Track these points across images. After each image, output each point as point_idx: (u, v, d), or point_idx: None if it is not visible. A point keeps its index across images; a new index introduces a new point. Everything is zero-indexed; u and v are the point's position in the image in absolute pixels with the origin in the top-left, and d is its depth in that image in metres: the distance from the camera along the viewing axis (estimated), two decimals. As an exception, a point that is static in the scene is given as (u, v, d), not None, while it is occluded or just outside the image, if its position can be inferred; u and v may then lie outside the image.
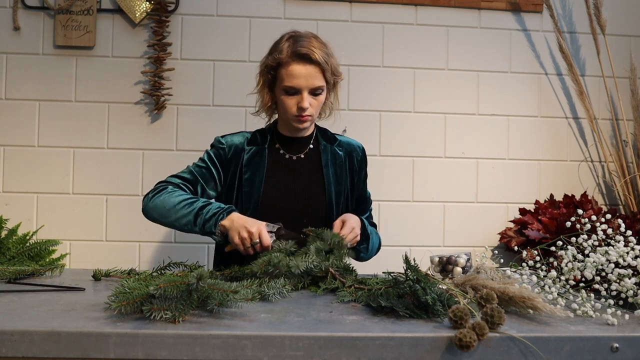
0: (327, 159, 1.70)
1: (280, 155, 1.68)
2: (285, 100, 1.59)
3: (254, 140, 1.70)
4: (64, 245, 2.29)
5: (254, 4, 2.36)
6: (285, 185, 1.65)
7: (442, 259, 1.45)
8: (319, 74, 1.56)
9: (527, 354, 0.95)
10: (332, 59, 1.60)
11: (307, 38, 1.59)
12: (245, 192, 1.64)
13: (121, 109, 2.32)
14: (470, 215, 2.43)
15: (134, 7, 2.29)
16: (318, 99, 1.60)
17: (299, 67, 1.55)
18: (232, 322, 1.00)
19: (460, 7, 2.43)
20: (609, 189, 2.49)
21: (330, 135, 1.76)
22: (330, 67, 1.58)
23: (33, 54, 2.30)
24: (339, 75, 1.65)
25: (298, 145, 1.70)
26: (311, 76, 1.55)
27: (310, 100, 1.58)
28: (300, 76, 1.55)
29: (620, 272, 1.14)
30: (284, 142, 1.70)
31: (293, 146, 1.70)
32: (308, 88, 1.56)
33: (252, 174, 1.64)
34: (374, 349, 0.93)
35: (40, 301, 1.13)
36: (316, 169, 1.68)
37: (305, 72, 1.55)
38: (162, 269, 1.39)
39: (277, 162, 1.67)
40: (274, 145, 1.70)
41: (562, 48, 2.37)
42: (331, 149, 1.72)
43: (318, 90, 1.58)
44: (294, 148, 1.70)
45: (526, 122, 2.47)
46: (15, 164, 2.29)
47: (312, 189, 1.65)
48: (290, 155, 1.69)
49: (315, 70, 1.56)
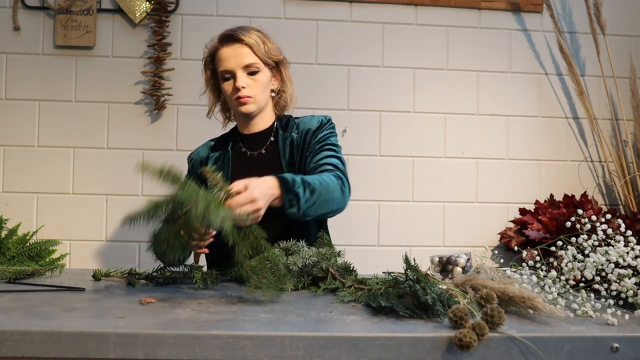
0: (284, 148, 1.63)
1: (243, 154, 1.68)
2: (225, 87, 1.60)
3: (217, 146, 1.72)
4: (64, 245, 2.29)
5: (254, 4, 2.36)
6: None
7: (442, 259, 1.45)
8: (247, 50, 1.57)
9: (527, 354, 0.95)
10: (265, 39, 1.60)
11: (238, 26, 1.62)
12: None
13: (121, 109, 2.32)
14: (470, 215, 2.43)
15: (134, 7, 2.29)
16: (256, 78, 1.58)
17: (226, 49, 1.58)
18: (232, 322, 1.00)
19: (460, 7, 2.43)
20: (609, 189, 2.49)
21: (290, 122, 1.68)
22: (262, 46, 1.58)
23: (33, 54, 2.30)
24: (278, 56, 1.63)
25: (259, 141, 1.67)
26: (240, 55, 1.56)
27: (247, 80, 1.57)
28: (229, 57, 1.57)
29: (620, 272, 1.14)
30: (245, 141, 1.68)
31: (254, 143, 1.67)
32: (239, 67, 1.56)
33: None
34: (374, 349, 0.93)
35: (40, 301, 1.13)
36: (276, 162, 1.64)
37: (232, 52, 1.57)
38: (162, 269, 1.39)
39: (241, 161, 1.67)
40: (236, 146, 1.69)
41: (562, 48, 2.37)
42: (288, 136, 1.65)
43: (251, 67, 1.57)
44: (255, 145, 1.67)
45: (526, 122, 2.47)
46: (15, 164, 2.29)
47: None
48: (251, 152, 1.67)
49: (244, 49, 1.57)
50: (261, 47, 1.58)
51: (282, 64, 1.66)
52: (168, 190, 1.15)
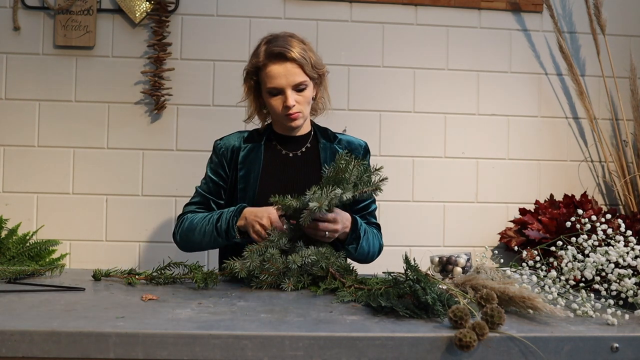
0: (326, 156, 1.69)
1: (277, 152, 1.69)
2: (272, 102, 1.61)
3: (250, 138, 1.71)
4: (64, 245, 2.29)
5: (254, 4, 2.36)
6: (282, 181, 1.65)
7: (442, 259, 1.45)
8: (297, 69, 1.57)
9: (527, 354, 0.95)
10: (310, 53, 1.61)
11: (282, 37, 1.61)
12: (240, 189, 1.65)
13: (121, 109, 2.32)
14: (470, 215, 2.43)
15: (134, 7, 2.29)
16: (304, 94, 1.60)
17: (276, 66, 1.57)
18: (232, 322, 1.00)
19: (460, 7, 2.43)
20: (609, 189, 2.49)
21: (330, 133, 1.76)
22: (309, 62, 1.59)
23: (33, 54, 2.30)
24: (322, 69, 1.65)
25: (295, 143, 1.71)
26: (290, 73, 1.57)
27: (296, 97, 1.59)
28: (280, 75, 1.57)
29: (620, 272, 1.14)
30: (280, 140, 1.71)
31: (290, 144, 1.70)
32: (290, 85, 1.57)
33: (247, 171, 1.66)
34: (374, 349, 0.93)
35: (40, 301, 1.13)
36: (314, 166, 1.67)
37: (283, 70, 1.56)
38: (162, 269, 1.39)
39: (274, 158, 1.68)
40: (271, 143, 1.71)
41: (562, 48, 2.37)
42: (331, 147, 1.71)
43: (300, 86, 1.58)
44: (291, 146, 1.70)
45: (526, 122, 2.47)
46: (15, 164, 2.29)
47: (308, 186, 1.64)
48: (287, 151, 1.69)
49: (293, 67, 1.57)
50: (309, 63, 1.59)
51: (324, 75, 1.68)
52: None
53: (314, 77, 1.63)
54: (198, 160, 2.33)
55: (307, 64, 1.58)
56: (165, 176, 2.33)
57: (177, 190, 2.32)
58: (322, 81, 1.69)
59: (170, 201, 2.33)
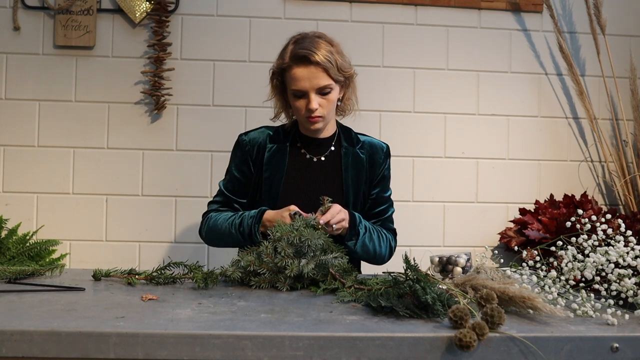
0: (347, 162, 1.68)
1: (302, 155, 1.69)
2: (295, 104, 1.60)
3: (276, 138, 1.70)
4: (64, 245, 2.29)
5: (254, 4, 2.36)
6: (304, 186, 1.65)
7: (442, 259, 1.45)
8: (322, 73, 1.56)
9: (527, 354, 0.95)
10: (337, 56, 1.58)
11: (309, 39, 1.59)
12: (264, 190, 1.65)
13: (121, 109, 2.32)
14: (470, 215, 2.43)
15: (134, 7, 2.29)
16: (328, 98, 1.59)
17: (300, 69, 1.56)
18: (232, 322, 1.00)
19: (460, 7, 2.43)
20: (609, 189, 2.49)
21: (353, 136, 1.75)
22: (335, 65, 1.57)
23: (33, 54, 2.30)
24: (349, 71, 1.63)
25: (319, 146, 1.70)
26: (314, 77, 1.55)
27: (319, 100, 1.58)
28: (303, 78, 1.55)
29: (620, 272, 1.14)
30: (305, 142, 1.70)
31: (314, 147, 1.70)
32: (313, 89, 1.56)
33: (272, 172, 1.66)
34: (374, 349, 0.93)
35: (40, 301, 1.13)
36: (336, 172, 1.68)
37: (307, 73, 1.55)
38: (162, 269, 1.39)
39: (298, 162, 1.68)
40: (295, 145, 1.70)
41: (562, 48, 2.37)
42: (353, 151, 1.70)
43: (325, 89, 1.57)
44: (315, 149, 1.69)
45: (526, 122, 2.47)
46: (15, 164, 2.29)
47: (330, 192, 1.62)
48: (311, 155, 1.69)
49: (318, 70, 1.55)
50: (334, 67, 1.57)
51: (351, 77, 1.66)
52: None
53: (340, 80, 1.61)
54: (198, 160, 2.33)
55: (333, 67, 1.56)
56: (165, 176, 2.33)
57: (177, 190, 2.32)
58: (349, 83, 1.66)
59: (170, 201, 2.32)
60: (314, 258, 1.31)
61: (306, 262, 1.29)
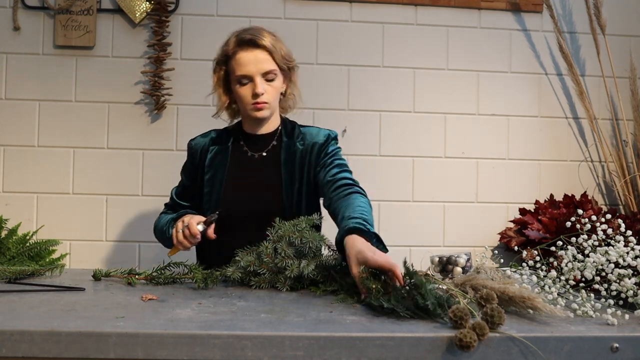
0: (285, 156, 1.65)
1: (244, 153, 1.67)
2: (240, 91, 1.59)
3: (218, 140, 1.70)
4: (64, 245, 2.29)
5: (254, 4, 2.36)
6: (245, 184, 1.63)
7: (442, 259, 1.45)
8: (267, 57, 1.56)
9: (527, 354, 0.95)
10: (280, 44, 1.60)
11: (252, 28, 1.61)
12: (205, 192, 1.65)
13: (121, 109, 2.32)
14: (470, 215, 2.43)
15: (134, 7, 2.29)
16: (273, 85, 1.59)
17: (245, 53, 1.56)
18: (232, 322, 1.00)
19: (460, 7, 2.43)
20: (609, 189, 2.49)
21: (296, 129, 1.70)
22: (279, 52, 1.58)
23: (33, 54, 2.30)
24: (292, 61, 1.64)
25: (262, 142, 1.67)
26: (260, 61, 1.55)
27: (265, 86, 1.57)
28: (249, 62, 1.55)
29: (620, 272, 1.14)
30: (248, 140, 1.68)
31: (257, 144, 1.67)
32: (259, 73, 1.56)
33: (212, 174, 1.66)
34: (374, 349, 0.93)
35: (40, 301, 1.13)
36: (275, 167, 1.65)
37: (253, 57, 1.55)
38: (162, 269, 1.39)
39: (240, 160, 1.66)
40: (238, 143, 1.69)
41: (562, 48, 2.37)
42: (291, 145, 1.66)
43: (270, 74, 1.57)
44: (257, 146, 1.67)
45: (526, 122, 2.47)
46: (15, 164, 2.29)
47: (269, 188, 1.62)
48: (252, 152, 1.67)
49: (263, 54, 1.56)
50: (279, 53, 1.58)
51: (293, 68, 1.67)
52: None
53: (284, 69, 1.61)
54: (198, 160, 2.33)
55: (277, 52, 1.57)
56: (165, 176, 2.32)
57: (177, 190, 2.32)
58: (291, 75, 1.67)
59: (170, 201, 2.32)
60: (314, 259, 1.31)
61: (306, 263, 1.28)
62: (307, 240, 1.31)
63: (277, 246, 1.33)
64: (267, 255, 1.32)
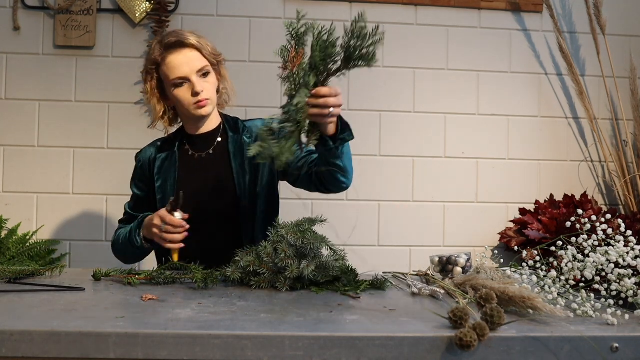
0: (234, 150, 1.64)
1: (190, 156, 1.66)
2: (179, 94, 1.57)
3: (163, 147, 1.70)
4: (64, 245, 2.29)
5: (254, 4, 2.36)
6: (197, 185, 1.62)
7: (442, 259, 1.45)
8: (197, 54, 1.57)
9: (527, 354, 0.95)
10: (204, 39, 1.60)
11: (174, 31, 1.62)
12: (158, 199, 1.64)
13: (121, 109, 2.32)
14: (470, 215, 2.43)
15: (134, 7, 2.29)
16: (209, 80, 1.59)
17: (175, 56, 1.56)
18: (232, 322, 1.00)
19: (460, 7, 2.43)
20: (609, 189, 2.49)
21: (240, 124, 1.70)
22: (206, 47, 1.58)
23: (33, 54, 2.30)
24: (219, 55, 1.64)
25: (206, 142, 1.66)
26: (191, 60, 1.56)
27: (202, 83, 1.57)
28: (182, 64, 1.55)
29: (620, 272, 1.14)
30: (192, 142, 1.67)
31: (201, 143, 1.66)
32: (194, 72, 1.56)
33: (163, 180, 1.65)
34: (374, 349, 0.93)
35: (40, 301, 1.13)
36: (225, 163, 1.64)
37: (183, 58, 1.55)
38: (162, 269, 1.39)
39: (188, 163, 1.65)
40: (183, 147, 1.68)
41: (562, 48, 2.37)
42: (238, 138, 1.66)
43: (204, 70, 1.57)
44: (202, 145, 1.66)
45: (526, 122, 2.47)
46: (15, 164, 2.29)
47: (222, 183, 1.62)
48: (199, 154, 1.66)
49: (193, 52, 1.56)
50: (206, 48, 1.58)
51: (221, 63, 1.67)
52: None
53: (214, 64, 1.61)
54: (198, 160, 2.33)
55: (205, 48, 1.58)
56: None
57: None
58: (220, 70, 1.66)
59: (170, 201, 2.32)
60: (314, 260, 1.31)
61: (307, 264, 1.28)
62: (309, 241, 1.31)
63: (277, 246, 1.33)
64: (267, 255, 1.32)
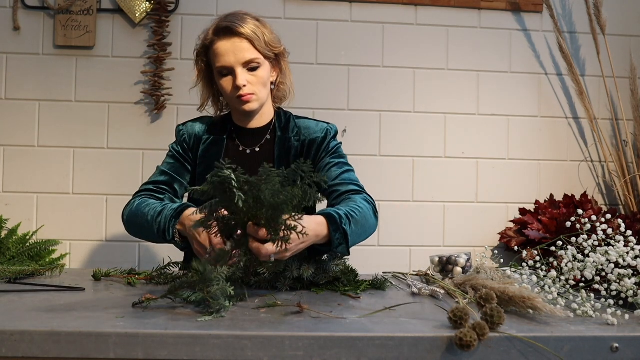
0: (280, 152, 1.54)
1: (236, 148, 1.57)
2: (223, 84, 1.48)
3: (213, 129, 1.58)
4: (64, 245, 2.29)
5: (254, 4, 2.36)
6: None
7: (442, 259, 1.45)
8: (247, 45, 1.44)
9: (527, 354, 0.95)
10: (264, 29, 1.49)
11: (234, 14, 1.49)
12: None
13: (121, 109, 2.32)
14: (470, 215, 2.43)
15: (134, 7, 2.29)
16: (257, 74, 1.47)
17: (223, 43, 1.44)
18: (232, 322, 1.00)
19: (460, 7, 2.43)
20: (609, 189, 2.49)
21: (291, 122, 1.58)
22: (262, 38, 1.46)
23: (33, 54, 2.30)
24: (279, 47, 1.52)
25: (255, 136, 1.57)
26: (239, 50, 1.44)
27: (247, 76, 1.46)
28: (228, 52, 1.44)
29: (620, 272, 1.14)
30: (240, 134, 1.58)
31: (249, 138, 1.57)
32: (239, 63, 1.44)
33: (205, 167, 1.53)
34: (374, 349, 0.93)
35: (40, 301, 1.13)
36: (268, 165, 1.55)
37: (231, 46, 1.44)
38: (162, 269, 1.39)
39: (233, 155, 1.55)
40: (231, 137, 1.58)
41: (562, 48, 2.37)
42: (286, 139, 1.55)
43: (252, 64, 1.46)
44: (250, 140, 1.57)
45: (526, 122, 2.47)
46: (15, 164, 2.29)
47: None
48: (245, 148, 1.56)
49: (243, 42, 1.44)
50: (261, 39, 1.46)
51: (282, 55, 1.55)
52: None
53: (269, 56, 1.50)
54: (198, 160, 2.33)
55: (259, 39, 1.45)
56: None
57: (177, 190, 2.32)
58: (280, 63, 1.55)
59: (170, 201, 2.32)
60: (314, 262, 1.31)
61: (307, 267, 1.28)
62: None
63: None
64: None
